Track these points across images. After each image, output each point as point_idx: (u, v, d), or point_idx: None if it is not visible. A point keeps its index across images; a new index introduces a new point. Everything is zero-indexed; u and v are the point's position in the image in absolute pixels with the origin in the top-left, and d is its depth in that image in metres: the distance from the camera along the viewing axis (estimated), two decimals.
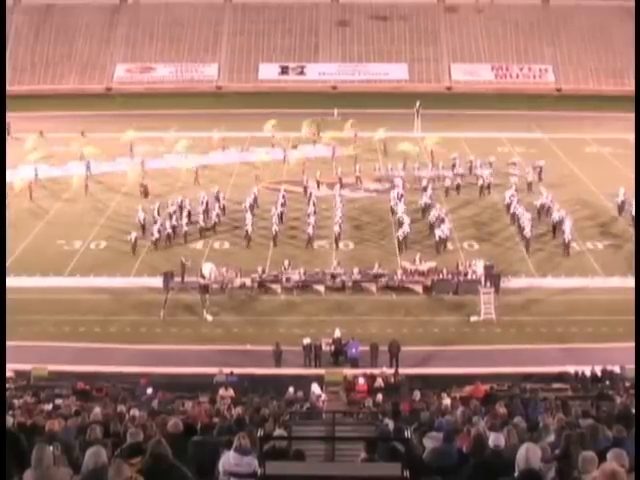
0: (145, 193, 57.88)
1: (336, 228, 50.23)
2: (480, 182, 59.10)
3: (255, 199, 55.21)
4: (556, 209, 51.79)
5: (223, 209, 54.54)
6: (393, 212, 53.86)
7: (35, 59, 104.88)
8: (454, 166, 62.03)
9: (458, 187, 59.07)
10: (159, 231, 49.54)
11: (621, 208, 54.34)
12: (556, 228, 50.17)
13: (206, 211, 53.04)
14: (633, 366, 32.87)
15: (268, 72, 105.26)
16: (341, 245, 49.54)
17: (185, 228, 50.62)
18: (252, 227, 50.10)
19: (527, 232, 48.94)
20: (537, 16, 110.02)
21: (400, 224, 50.41)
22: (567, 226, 48.66)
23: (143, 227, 50.76)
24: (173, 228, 50.55)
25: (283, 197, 55.67)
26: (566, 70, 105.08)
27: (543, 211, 53.59)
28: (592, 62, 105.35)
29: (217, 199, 54.81)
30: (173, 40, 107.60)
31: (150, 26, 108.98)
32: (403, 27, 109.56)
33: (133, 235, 48.63)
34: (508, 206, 54.57)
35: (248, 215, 51.34)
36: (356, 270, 44.18)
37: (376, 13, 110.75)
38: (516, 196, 55.08)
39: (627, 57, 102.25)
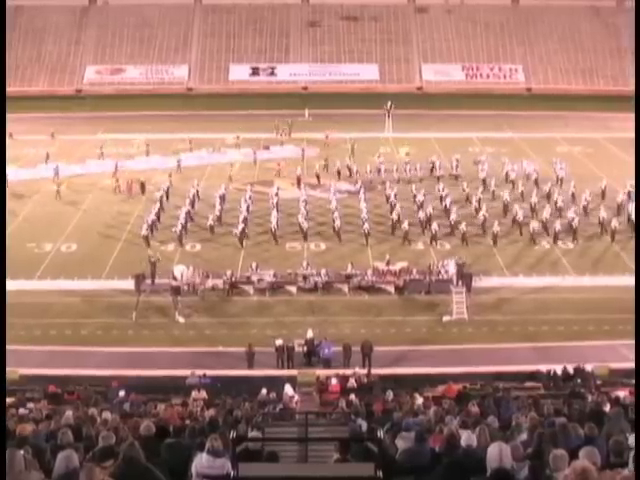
0: (142, 190, 58.76)
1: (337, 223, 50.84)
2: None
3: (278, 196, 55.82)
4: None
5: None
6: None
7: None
8: (433, 169, 62.66)
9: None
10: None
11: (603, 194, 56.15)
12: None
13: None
14: (602, 364, 33.40)
15: (239, 73, 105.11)
16: (312, 245, 49.65)
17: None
18: (276, 225, 50.67)
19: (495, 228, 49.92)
20: (507, 16, 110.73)
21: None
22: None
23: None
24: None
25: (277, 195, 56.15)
26: (536, 70, 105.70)
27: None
28: (562, 62, 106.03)
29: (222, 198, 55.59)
30: (143, 41, 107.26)
31: (120, 27, 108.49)
32: (374, 27, 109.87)
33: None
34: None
35: (274, 213, 52.22)
36: (325, 271, 44.08)
37: (346, 14, 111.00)
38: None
39: (596, 56, 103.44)
